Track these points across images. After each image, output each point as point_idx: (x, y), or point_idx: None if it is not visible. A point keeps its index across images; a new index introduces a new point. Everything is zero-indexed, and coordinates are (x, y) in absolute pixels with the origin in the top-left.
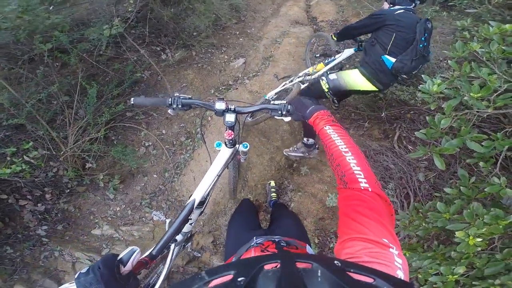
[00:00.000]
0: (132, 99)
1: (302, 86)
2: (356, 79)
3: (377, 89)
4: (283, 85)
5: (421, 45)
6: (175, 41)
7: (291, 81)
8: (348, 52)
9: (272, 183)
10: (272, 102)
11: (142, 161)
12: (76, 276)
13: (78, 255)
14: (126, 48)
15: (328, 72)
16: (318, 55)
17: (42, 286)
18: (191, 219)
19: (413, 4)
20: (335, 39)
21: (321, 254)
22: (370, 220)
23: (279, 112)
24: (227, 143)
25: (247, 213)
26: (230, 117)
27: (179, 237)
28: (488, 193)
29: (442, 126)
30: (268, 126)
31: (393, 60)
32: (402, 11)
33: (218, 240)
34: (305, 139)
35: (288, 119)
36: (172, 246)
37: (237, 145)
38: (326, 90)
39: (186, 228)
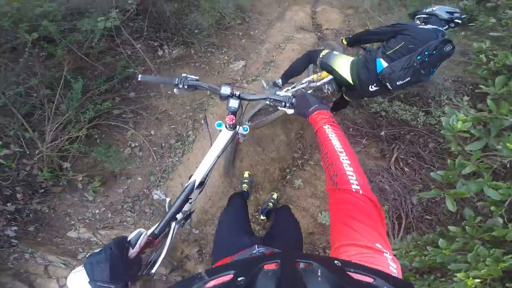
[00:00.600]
0: (139, 75)
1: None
2: (342, 64)
3: (350, 83)
4: (285, 91)
5: (419, 57)
6: (174, 37)
7: (294, 87)
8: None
9: (275, 196)
10: (277, 93)
11: (126, 163)
12: (87, 255)
13: (52, 259)
14: (121, 42)
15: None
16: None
17: None
18: (191, 198)
19: (446, 26)
20: (345, 43)
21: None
22: (363, 225)
23: (283, 103)
24: (227, 126)
25: (239, 213)
26: (233, 103)
27: (179, 216)
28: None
29: (464, 172)
30: (264, 135)
31: (385, 65)
32: (426, 27)
33: (204, 249)
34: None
35: (291, 111)
36: (173, 224)
37: (237, 127)
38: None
39: (186, 206)
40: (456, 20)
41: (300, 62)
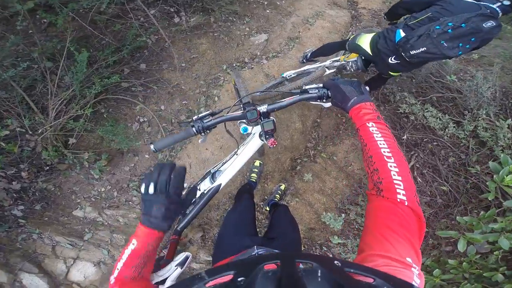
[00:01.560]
0: (151, 145)
1: (327, 72)
2: (365, 39)
3: (370, 54)
4: (305, 67)
5: (437, 27)
6: (193, 2)
7: (316, 65)
8: None
9: (282, 187)
10: (306, 87)
11: (134, 141)
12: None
13: (59, 239)
14: (132, 8)
15: (363, 57)
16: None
17: (22, 269)
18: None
19: (498, 3)
20: (385, 18)
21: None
22: (399, 237)
23: (318, 100)
24: (262, 138)
25: (246, 215)
26: (268, 125)
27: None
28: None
29: (492, 227)
30: (280, 121)
31: (403, 35)
32: (475, 2)
33: (207, 234)
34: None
35: (328, 104)
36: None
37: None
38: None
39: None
40: None
41: (334, 46)
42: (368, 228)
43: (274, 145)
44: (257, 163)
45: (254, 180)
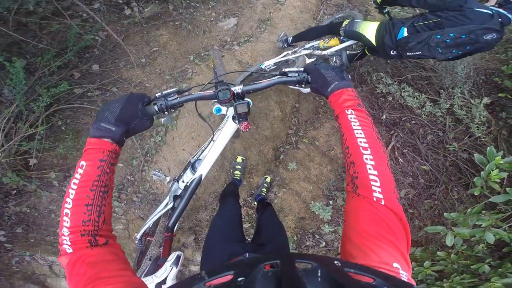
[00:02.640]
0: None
1: (308, 61)
2: (368, 28)
3: (374, 44)
4: (284, 55)
5: (438, 36)
6: None
7: (295, 52)
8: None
9: (268, 179)
10: (286, 69)
11: None
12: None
13: (52, 259)
14: (70, 4)
15: (348, 53)
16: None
17: None
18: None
19: None
20: (378, 1)
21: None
22: (381, 243)
23: (296, 84)
24: (235, 120)
25: (233, 220)
26: (242, 108)
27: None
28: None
29: (479, 223)
30: (258, 110)
31: (406, 35)
32: (489, 12)
33: (200, 236)
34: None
35: (306, 90)
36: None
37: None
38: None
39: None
40: None
41: (318, 30)
42: (346, 235)
43: (248, 129)
44: (239, 159)
45: (238, 178)
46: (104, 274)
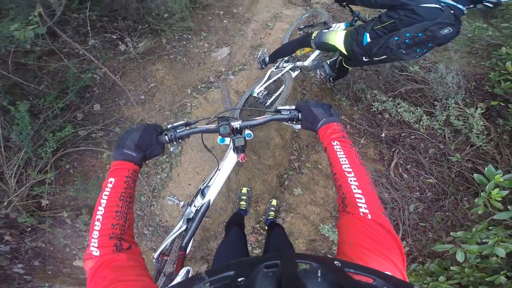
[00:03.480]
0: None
1: (293, 74)
2: (336, 38)
3: (346, 54)
4: (269, 76)
5: (396, 38)
6: (138, 26)
7: (277, 67)
8: (339, 27)
9: (274, 202)
10: (280, 107)
11: None
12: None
13: None
14: (65, 41)
15: (329, 62)
16: (302, 26)
17: None
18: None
19: (471, 5)
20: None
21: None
22: (371, 253)
23: (289, 121)
24: (236, 152)
25: (237, 247)
26: (239, 141)
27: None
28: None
29: (486, 240)
30: (259, 139)
31: (369, 40)
32: (430, 5)
33: (212, 264)
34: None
35: (298, 127)
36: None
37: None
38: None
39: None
40: (490, 1)
41: (290, 46)
42: (340, 249)
43: (244, 160)
44: (244, 190)
45: (244, 208)
46: (124, 278)
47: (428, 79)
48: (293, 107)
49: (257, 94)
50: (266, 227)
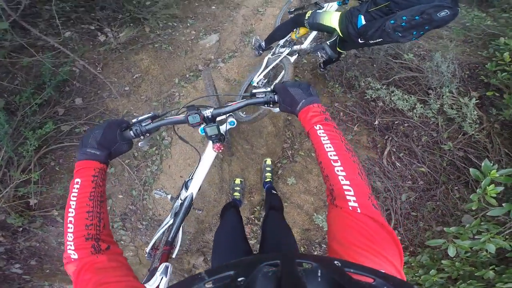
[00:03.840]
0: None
1: (292, 59)
2: (331, 18)
3: (341, 35)
4: (267, 63)
5: (392, 21)
6: (117, 15)
7: (274, 53)
8: (331, 7)
9: (268, 161)
10: (255, 90)
11: None
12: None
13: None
14: (40, 33)
15: (329, 43)
16: (292, 9)
17: None
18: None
19: None
20: None
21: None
22: (362, 250)
23: (265, 104)
24: (210, 140)
25: (236, 232)
26: (212, 130)
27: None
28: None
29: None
30: (252, 129)
31: (364, 23)
32: None
33: (208, 256)
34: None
35: (276, 110)
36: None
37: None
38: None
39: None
40: None
41: (284, 27)
42: (329, 246)
43: (220, 150)
44: (237, 181)
45: (238, 198)
46: (108, 280)
47: (422, 67)
48: (269, 89)
49: (257, 83)
50: (265, 191)
